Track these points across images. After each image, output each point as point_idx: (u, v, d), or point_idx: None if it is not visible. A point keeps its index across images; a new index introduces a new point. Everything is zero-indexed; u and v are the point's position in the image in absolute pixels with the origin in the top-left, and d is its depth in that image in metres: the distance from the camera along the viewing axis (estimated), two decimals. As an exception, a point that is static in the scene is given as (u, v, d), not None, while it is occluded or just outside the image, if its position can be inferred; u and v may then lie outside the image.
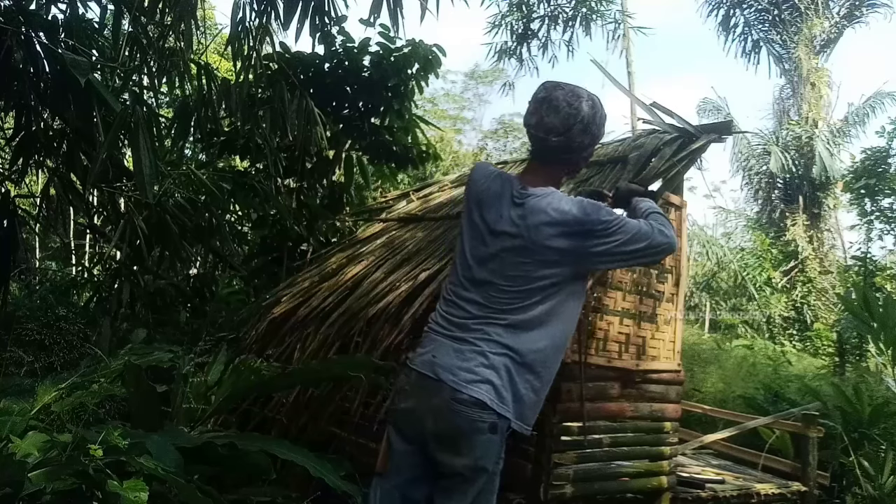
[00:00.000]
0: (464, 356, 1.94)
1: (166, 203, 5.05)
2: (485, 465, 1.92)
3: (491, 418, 1.90)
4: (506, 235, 2.00)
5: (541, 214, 1.97)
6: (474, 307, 1.99)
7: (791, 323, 13.37)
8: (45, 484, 2.10)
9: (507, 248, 1.99)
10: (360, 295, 3.98)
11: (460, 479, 1.93)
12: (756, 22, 15.88)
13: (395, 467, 2.03)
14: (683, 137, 3.75)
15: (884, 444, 5.40)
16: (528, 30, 13.76)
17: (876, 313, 6.44)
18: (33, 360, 4.89)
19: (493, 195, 2.07)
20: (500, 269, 1.99)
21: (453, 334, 2.00)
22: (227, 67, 9.18)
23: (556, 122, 1.99)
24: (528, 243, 1.97)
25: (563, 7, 13.24)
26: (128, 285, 5.24)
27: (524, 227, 1.98)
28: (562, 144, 2.01)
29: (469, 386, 1.90)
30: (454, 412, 1.90)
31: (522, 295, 1.96)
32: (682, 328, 4.11)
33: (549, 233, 1.95)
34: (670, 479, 3.85)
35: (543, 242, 1.95)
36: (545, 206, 1.98)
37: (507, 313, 1.96)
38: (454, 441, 1.92)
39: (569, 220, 1.95)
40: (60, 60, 3.45)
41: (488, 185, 2.10)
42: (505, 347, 1.94)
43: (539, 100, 2.04)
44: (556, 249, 1.95)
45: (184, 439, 2.65)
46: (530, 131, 2.06)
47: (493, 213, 2.04)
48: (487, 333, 1.95)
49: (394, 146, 6.08)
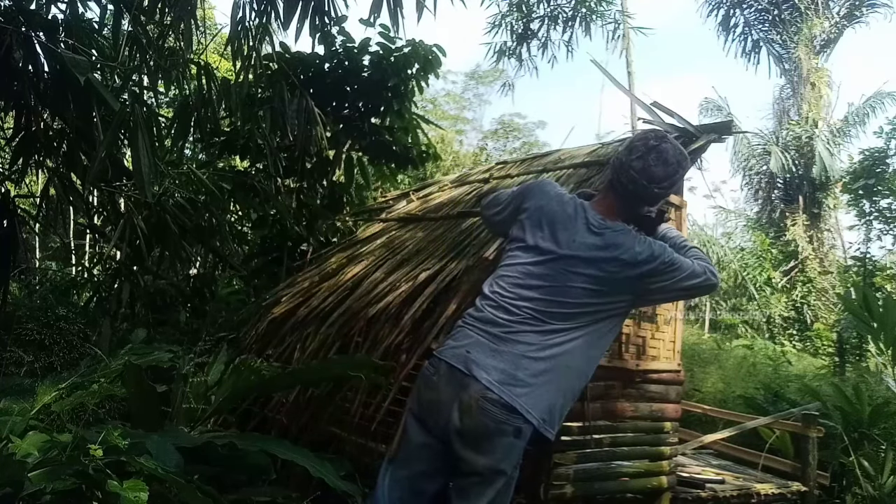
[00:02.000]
0: (502, 358, 1.97)
1: (166, 203, 5.05)
2: (504, 468, 1.95)
3: (517, 423, 1.93)
4: (577, 260, 2.05)
5: (618, 250, 2.05)
6: (522, 315, 2.02)
7: (791, 323, 13.37)
8: (45, 484, 2.10)
9: (574, 271, 2.05)
10: (360, 295, 3.97)
11: (478, 478, 1.95)
12: (756, 22, 15.89)
13: (409, 457, 2.04)
14: (683, 137, 3.75)
15: (884, 444, 5.40)
16: (527, 30, 13.75)
17: (876, 313, 6.44)
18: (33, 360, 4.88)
19: (567, 217, 2.13)
20: (559, 289, 2.04)
21: (494, 334, 2.02)
22: (227, 67, 9.18)
23: (662, 173, 2.08)
24: (599, 272, 2.04)
25: (562, 7, 13.22)
26: (128, 285, 5.24)
27: (600, 258, 2.05)
28: (659, 195, 2.15)
29: (502, 387, 1.92)
30: (482, 410, 1.91)
31: (574, 316, 2.04)
32: (682, 328, 4.11)
33: (623, 270, 2.05)
34: (670, 479, 3.85)
35: (614, 276, 2.05)
36: (623, 241, 2.07)
37: (554, 331, 2.01)
38: (477, 439, 1.93)
39: (642, 261, 2.05)
40: (60, 60, 3.45)
41: (561, 207, 2.16)
42: (545, 360, 1.98)
43: (650, 147, 2.10)
44: (624, 285, 2.07)
45: (184, 439, 2.65)
46: (632, 174, 2.09)
47: (565, 235, 2.09)
48: (530, 343, 1.99)
49: (394, 146, 6.08)
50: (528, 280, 2.07)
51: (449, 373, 1.99)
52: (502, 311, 2.04)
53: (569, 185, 3.72)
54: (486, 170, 5.43)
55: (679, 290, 2.19)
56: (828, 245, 14.84)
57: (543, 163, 4.63)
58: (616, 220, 2.12)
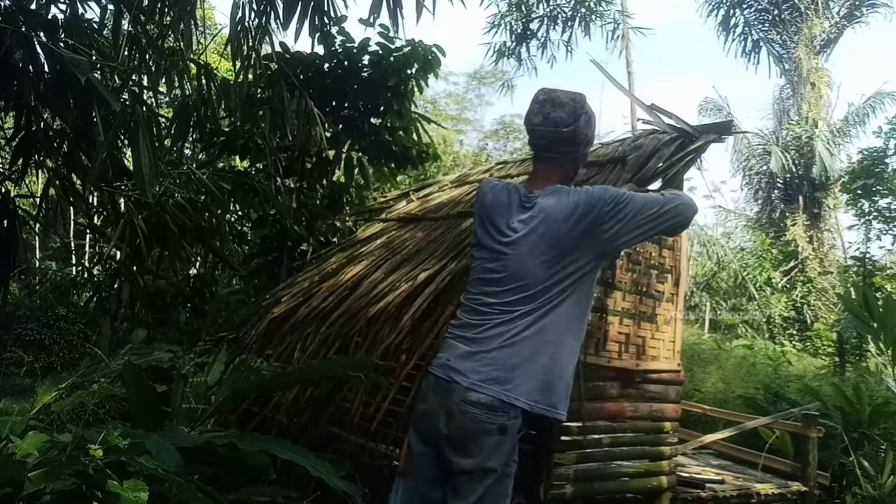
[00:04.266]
0: (478, 358, 1.99)
1: (166, 203, 5.05)
2: (493, 466, 1.95)
3: (500, 420, 1.93)
4: (520, 241, 2.05)
5: (550, 211, 2.03)
6: (490, 313, 2.04)
7: (791, 323, 13.37)
8: (45, 484, 2.10)
9: (523, 252, 2.04)
10: (360, 295, 3.97)
11: (467, 477, 1.96)
12: (756, 22, 15.90)
13: (415, 468, 2.09)
14: (683, 138, 3.74)
15: (884, 444, 5.40)
16: (527, 30, 13.75)
17: (876, 313, 6.44)
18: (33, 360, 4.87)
19: (502, 205, 2.15)
20: (515, 275, 2.04)
21: (469, 337, 2.05)
22: (227, 67, 9.18)
23: (563, 114, 2.10)
24: (544, 242, 2.02)
25: (562, 7, 13.22)
26: (128, 285, 5.24)
27: (534, 227, 2.03)
28: (571, 134, 2.11)
29: (480, 385, 1.94)
30: (464, 413, 1.94)
31: (538, 295, 2.00)
32: (682, 328, 4.11)
33: (564, 227, 2.00)
34: (670, 479, 3.85)
35: (562, 239, 2.00)
36: (553, 202, 2.04)
37: (522, 315, 2.00)
38: (463, 442, 1.95)
39: (579, 209, 2.00)
40: (60, 60, 3.45)
41: (495, 197, 2.18)
42: (519, 345, 1.98)
43: (541, 101, 2.14)
44: (575, 242, 2.00)
45: (184, 439, 2.65)
46: (537, 129, 2.13)
47: (503, 222, 2.11)
48: (501, 335, 1.99)
49: (393, 146, 6.08)
50: (488, 276, 2.10)
51: (435, 384, 2.05)
52: (474, 314, 2.08)
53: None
54: (486, 170, 5.43)
55: (644, 225, 2.03)
56: (828, 245, 14.84)
57: (543, 163, 4.62)
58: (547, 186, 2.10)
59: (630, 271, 3.69)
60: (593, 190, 2.07)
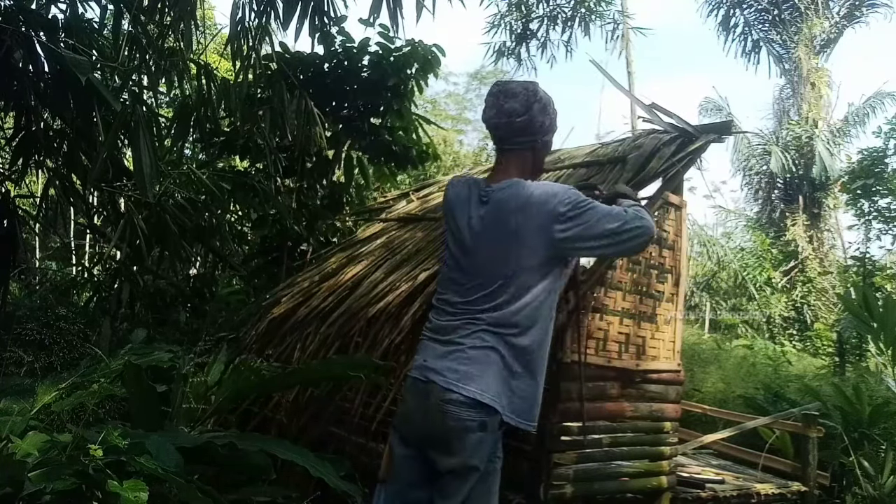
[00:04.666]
0: (452, 357, 1.99)
1: (166, 203, 5.05)
2: (476, 464, 1.94)
3: (480, 417, 1.93)
4: (477, 235, 2.06)
5: (504, 205, 2.02)
6: (458, 309, 2.05)
7: (791, 323, 13.36)
8: (45, 484, 2.10)
9: (480, 246, 2.05)
10: (360, 295, 3.98)
11: (452, 476, 1.96)
12: (756, 22, 15.88)
13: (397, 472, 2.08)
14: (683, 137, 3.75)
15: (884, 444, 5.40)
16: (526, 30, 13.74)
17: (876, 313, 6.44)
18: (33, 360, 4.88)
19: (463, 200, 2.14)
20: (477, 272, 2.04)
21: (441, 338, 2.06)
22: (227, 67, 9.18)
23: (516, 104, 2.09)
24: (498, 235, 2.01)
25: (561, 7, 13.22)
26: (128, 285, 5.24)
27: (490, 222, 2.03)
28: (525, 123, 2.09)
29: (457, 384, 1.94)
30: (444, 412, 1.93)
31: (498, 290, 1.99)
32: (682, 328, 4.11)
33: (515, 220, 1.99)
34: (670, 479, 3.85)
35: (516, 232, 1.99)
36: (509, 195, 2.03)
37: (488, 310, 1.99)
38: (445, 441, 1.95)
39: (532, 203, 1.98)
40: (60, 60, 3.45)
41: (457, 193, 2.19)
42: (489, 343, 1.97)
43: (494, 94, 2.14)
44: (525, 235, 1.98)
45: (184, 439, 2.65)
46: (491, 122, 2.14)
47: (463, 218, 2.11)
48: (471, 332, 1.99)
49: (394, 146, 6.08)
50: (454, 274, 2.11)
51: (413, 385, 2.06)
52: (444, 315, 2.08)
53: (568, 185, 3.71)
54: (485, 170, 5.43)
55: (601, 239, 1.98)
56: (828, 245, 14.84)
57: (543, 163, 4.62)
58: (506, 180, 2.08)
59: (630, 271, 3.69)
60: (552, 185, 2.07)
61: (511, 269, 1.98)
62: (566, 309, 3.25)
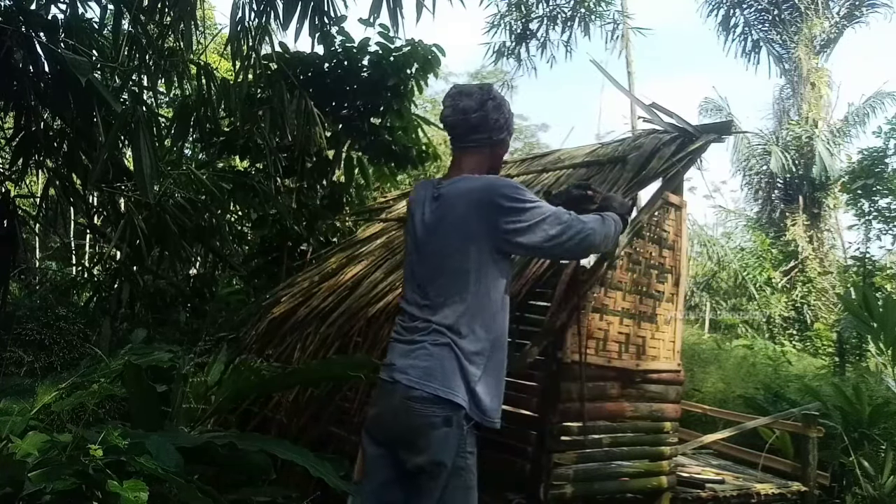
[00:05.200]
0: (413, 355, 2.02)
1: (166, 203, 5.05)
2: (443, 460, 1.95)
3: (444, 412, 1.94)
4: (427, 232, 2.11)
5: (452, 199, 2.06)
6: (417, 308, 2.09)
7: (791, 323, 13.37)
8: (45, 484, 2.10)
9: (430, 242, 2.09)
10: (360, 295, 3.98)
11: (425, 476, 1.97)
12: (756, 22, 15.89)
13: (370, 472, 2.11)
14: (683, 137, 3.75)
15: (884, 444, 5.40)
16: (526, 30, 13.75)
17: (876, 313, 6.44)
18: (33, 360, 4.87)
19: (419, 200, 2.20)
20: (431, 265, 2.08)
21: (403, 337, 2.09)
22: (227, 67, 9.18)
23: (470, 102, 2.15)
24: (446, 229, 2.05)
25: (561, 7, 13.22)
26: (128, 285, 5.24)
27: (439, 217, 2.08)
28: (480, 120, 2.14)
29: (419, 381, 1.96)
30: (408, 410, 1.96)
31: (447, 286, 2.02)
32: (682, 328, 4.11)
33: (459, 212, 2.03)
34: (670, 479, 3.85)
35: (457, 223, 2.02)
36: (456, 190, 2.08)
37: (443, 305, 2.02)
38: (412, 438, 1.97)
39: (475, 195, 2.02)
40: (60, 60, 3.45)
41: (416, 194, 2.26)
42: (446, 338, 1.99)
43: (451, 95, 2.21)
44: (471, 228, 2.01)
45: (184, 439, 2.65)
46: (447, 120, 2.19)
47: (419, 218, 2.17)
48: (429, 329, 2.02)
49: (393, 146, 6.08)
50: (410, 274, 2.18)
51: (382, 387, 2.10)
52: (406, 317, 2.13)
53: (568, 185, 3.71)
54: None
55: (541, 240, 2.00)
56: (828, 245, 14.84)
57: (543, 163, 4.63)
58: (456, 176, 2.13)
59: (630, 271, 3.69)
60: (497, 178, 2.10)
61: (458, 263, 2.01)
62: (566, 309, 3.25)
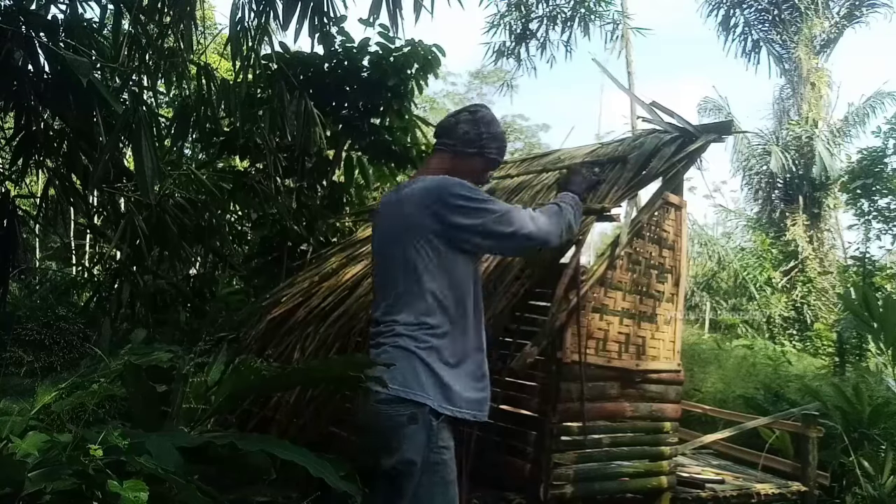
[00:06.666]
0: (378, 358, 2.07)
1: (166, 203, 5.05)
2: (412, 458, 1.97)
3: (408, 410, 1.97)
4: (385, 235, 2.17)
5: (405, 199, 2.12)
6: (381, 310, 2.13)
7: (791, 323, 13.37)
8: (45, 484, 2.10)
9: (390, 245, 2.13)
10: (360, 295, 3.97)
11: (401, 476, 2.00)
12: (756, 22, 15.90)
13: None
14: (683, 137, 3.75)
15: (884, 444, 5.40)
16: (526, 30, 13.76)
17: (876, 313, 6.44)
18: (33, 360, 4.88)
19: (386, 203, 2.28)
20: (390, 267, 2.12)
21: (372, 342, 2.15)
22: (227, 67, 9.18)
23: (450, 117, 2.29)
24: (401, 227, 2.09)
25: (561, 7, 13.22)
26: (128, 285, 5.24)
27: (395, 220, 2.13)
28: (450, 126, 2.24)
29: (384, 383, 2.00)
30: (376, 413, 2.02)
31: (408, 284, 2.05)
32: (682, 328, 4.11)
33: (410, 211, 2.07)
34: (670, 479, 3.85)
35: (409, 224, 2.06)
36: (411, 191, 2.13)
37: (404, 305, 2.05)
38: (384, 441, 2.01)
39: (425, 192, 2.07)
40: (61, 60, 3.45)
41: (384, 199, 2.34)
42: (406, 338, 2.02)
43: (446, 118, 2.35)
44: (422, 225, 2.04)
45: (184, 439, 2.64)
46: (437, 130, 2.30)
47: (379, 223, 2.25)
48: (391, 331, 2.06)
49: (393, 146, 6.08)
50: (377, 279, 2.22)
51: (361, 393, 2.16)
52: (373, 323, 2.18)
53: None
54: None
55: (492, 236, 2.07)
56: (828, 245, 14.84)
57: (543, 163, 4.62)
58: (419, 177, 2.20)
59: (630, 271, 3.69)
60: (447, 178, 2.12)
61: (413, 262, 2.04)
62: (566, 309, 3.25)
